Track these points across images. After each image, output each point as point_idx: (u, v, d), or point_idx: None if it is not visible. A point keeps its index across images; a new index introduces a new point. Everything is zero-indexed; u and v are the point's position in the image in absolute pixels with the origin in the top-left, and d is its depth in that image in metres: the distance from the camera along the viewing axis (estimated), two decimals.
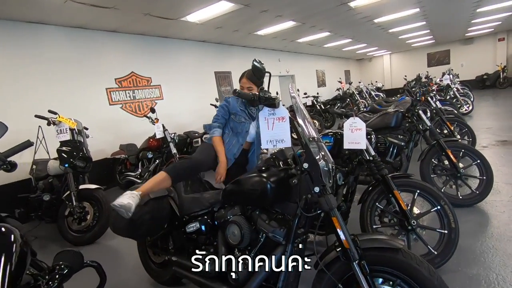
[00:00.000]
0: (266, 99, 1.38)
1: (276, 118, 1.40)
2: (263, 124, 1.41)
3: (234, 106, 2.25)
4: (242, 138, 2.24)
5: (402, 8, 6.91)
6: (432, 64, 16.93)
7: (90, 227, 3.15)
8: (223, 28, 6.38)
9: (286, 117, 1.39)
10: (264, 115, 1.42)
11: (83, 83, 5.11)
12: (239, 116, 2.23)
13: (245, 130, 2.22)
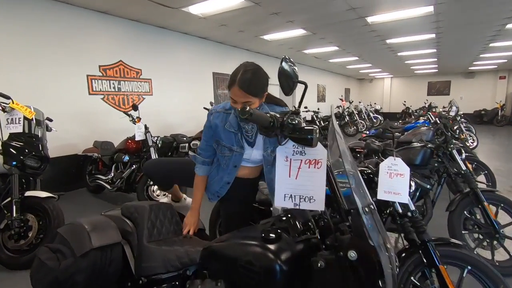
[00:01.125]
0: (295, 130, 0.82)
1: (305, 160, 0.84)
2: (282, 167, 0.85)
3: (217, 128, 1.50)
4: (228, 175, 1.55)
5: (419, 31, 6.55)
6: (432, 93, 16.88)
7: (32, 247, 2.48)
8: (227, 26, 5.83)
9: (323, 162, 0.83)
10: (286, 153, 0.85)
11: (60, 65, 4.44)
12: (222, 147, 1.52)
13: (233, 165, 1.53)
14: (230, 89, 1.38)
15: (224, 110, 1.51)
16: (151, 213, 1.43)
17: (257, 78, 1.35)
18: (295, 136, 0.80)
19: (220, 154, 1.54)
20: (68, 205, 4.04)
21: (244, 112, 0.85)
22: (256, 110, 0.87)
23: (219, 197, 1.62)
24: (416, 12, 5.11)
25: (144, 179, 3.63)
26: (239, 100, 1.35)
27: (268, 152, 1.52)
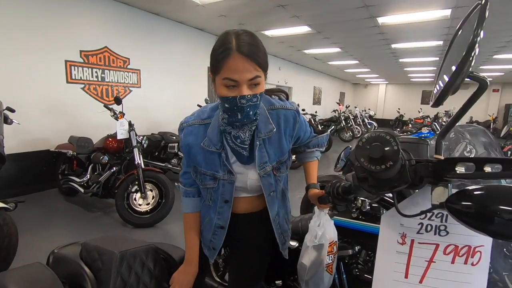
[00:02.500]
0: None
1: (445, 247, 0.39)
2: (391, 255, 0.41)
3: (191, 149, 0.99)
4: (219, 216, 1.03)
5: (428, 37, 6.25)
6: (425, 102, 16.87)
7: None
8: (227, 17, 5.35)
9: (484, 251, 0.39)
10: (402, 227, 0.41)
11: (33, 47, 3.85)
12: (201, 175, 1.01)
13: (222, 200, 1.01)
14: (221, 69, 0.83)
15: (199, 121, 0.99)
16: (122, 264, 0.95)
17: (260, 43, 0.86)
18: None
19: (202, 185, 1.03)
20: (35, 209, 3.49)
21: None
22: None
23: (215, 249, 1.08)
24: (432, 15, 4.78)
25: (125, 184, 3.11)
26: (243, 78, 0.81)
27: (266, 169, 0.98)
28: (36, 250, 2.55)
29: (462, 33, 0.54)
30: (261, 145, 0.97)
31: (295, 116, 1.03)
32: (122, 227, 3.09)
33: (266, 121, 0.97)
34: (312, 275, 1.04)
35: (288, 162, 1.07)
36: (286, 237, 1.17)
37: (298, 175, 5.65)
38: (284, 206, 1.15)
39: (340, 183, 0.79)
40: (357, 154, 0.44)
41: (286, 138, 1.02)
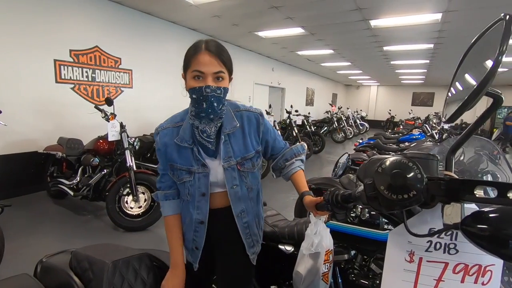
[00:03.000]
0: None
1: (454, 266, 0.38)
2: (399, 273, 0.40)
3: (167, 148, 1.08)
4: (198, 210, 1.08)
5: (419, 39, 6.34)
6: (416, 104, 17.15)
7: None
8: (221, 18, 5.31)
9: (496, 271, 0.38)
10: (410, 245, 0.40)
11: (21, 46, 3.74)
12: (178, 171, 1.08)
13: (199, 193, 1.07)
14: (190, 64, 0.98)
15: (172, 124, 1.11)
16: (115, 274, 0.92)
17: (226, 50, 1.02)
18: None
19: (179, 181, 1.09)
20: (21, 212, 3.39)
21: None
22: None
23: (198, 249, 1.11)
24: (423, 19, 4.85)
25: (116, 187, 3.05)
26: (209, 70, 0.96)
27: (231, 162, 1.07)
28: (23, 257, 2.47)
29: (481, 46, 0.52)
30: (227, 140, 1.07)
31: (258, 118, 1.13)
32: (113, 231, 3.02)
33: (231, 119, 1.08)
34: (307, 284, 1.03)
35: (255, 161, 1.13)
36: (255, 241, 1.19)
37: None
38: (255, 209, 1.19)
39: (339, 191, 0.78)
40: (377, 181, 0.42)
41: (250, 137, 1.11)
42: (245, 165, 1.10)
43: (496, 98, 0.47)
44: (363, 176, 0.51)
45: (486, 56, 0.44)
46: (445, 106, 0.60)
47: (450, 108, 0.53)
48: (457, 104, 0.49)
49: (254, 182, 1.16)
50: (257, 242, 1.21)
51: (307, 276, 1.02)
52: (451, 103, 0.57)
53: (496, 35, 0.44)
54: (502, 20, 0.44)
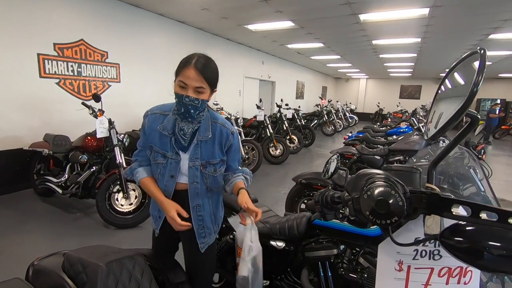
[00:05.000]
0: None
1: (439, 270, 0.41)
2: (390, 282, 0.42)
3: (151, 131, 1.28)
4: (165, 187, 1.29)
5: (407, 34, 6.42)
6: (403, 96, 17.43)
7: None
8: (210, 10, 5.23)
9: (475, 270, 0.40)
10: (399, 255, 0.43)
11: (1, 38, 3.60)
12: (155, 153, 1.27)
13: (169, 175, 1.27)
14: (179, 74, 1.17)
15: (161, 111, 1.30)
16: (109, 276, 0.93)
17: (213, 67, 1.22)
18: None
19: (153, 161, 1.30)
20: (7, 211, 3.33)
21: None
22: None
23: (161, 217, 1.34)
24: (411, 14, 4.91)
25: (106, 184, 3.02)
26: (191, 84, 1.15)
27: (195, 163, 1.27)
28: (11, 257, 2.44)
29: (459, 74, 0.57)
30: (198, 144, 1.27)
31: (228, 134, 1.32)
32: (104, 229, 3.01)
33: (207, 128, 1.27)
34: (253, 283, 1.17)
35: (218, 167, 1.33)
36: (207, 233, 1.37)
37: (283, 170, 5.71)
38: (213, 209, 1.38)
39: (329, 192, 0.80)
40: (363, 207, 0.45)
41: (220, 147, 1.31)
42: (207, 168, 1.29)
43: (473, 118, 0.51)
44: (351, 189, 0.54)
45: (464, 84, 0.49)
46: (427, 124, 0.63)
47: (432, 126, 0.57)
48: (439, 125, 0.53)
49: (215, 185, 1.34)
50: (209, 234, 1.39)
51: (253, 276, 1.16)
52: (433, 121, 0.61)
53: (472, 66, 0.49)
54: (477, 53, 0.48)
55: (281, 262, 1.57)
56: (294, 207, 2.94)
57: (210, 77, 1.18)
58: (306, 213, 1.60)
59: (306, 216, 1.55)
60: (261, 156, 5.11)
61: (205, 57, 1.20)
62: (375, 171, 0.51)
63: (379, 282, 0.46)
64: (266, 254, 1.61)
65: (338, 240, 1.38)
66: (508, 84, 14.63)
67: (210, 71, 1.18)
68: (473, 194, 1.21)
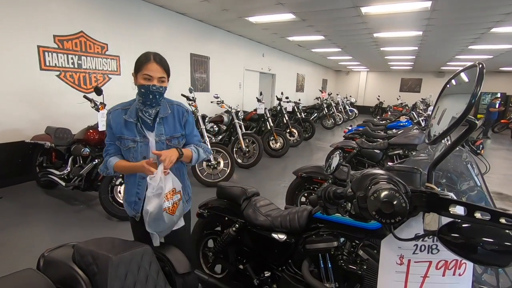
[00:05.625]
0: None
1: (437, 263, 0.44)
2: (392, 275, 0.47)
3: (117, 125, 1.47)
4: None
5: (408, 27, 6.38)
6: (404, 90, 17.38)
7: None
8: (210, 2, 5.18)
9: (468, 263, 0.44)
10: (400, 250, 0.47)
11: (1, 30, 3.58)
12: (125, 140, 1.47)
13: (141, 157, 1.47)
14: (142, 69, 1.40)
15: (122, 107, 1.50)
16: (119, 268, 0.97)
17: (165, 60, 1.48)
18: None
19: (125, 148, 1.48)
20: (11, 203, 3.37)
21: None
22: None
23: (140, 199, 1.49)
24: (413, 7, 4.87)
25: (108, 177, 3.05)
26: (155, 75, 1.40)
27: (161, 138, 1.48)
28: (18, 249, 2.48)
29: (458, 84, 0.60)
30: (160, 122, 1.49)
31: (183, 111, 1.57)
32: (106, 220, 3.05)
33: (166, 108, 1.52)
34: (154, 216, 1.35)
35: (181, 140, 1.56)
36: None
37: (283, 163, 5.75)
38: (181, 178, 1.57)
39: (331, 187, 0.83)
40: (370, 207, 0.48)
41: (179, 123, 1.54)
42: (172, 142, 1.51)
43: (471, 124, 0.54)
44: (356, 188, 0.57)
45: (463, 94, 0.52)
46: (428, 127, 0.66)
47: (433, 130, 0.61)
48: (440, 129, 0.56)
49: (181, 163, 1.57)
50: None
51: (153, 211, 1.33)
52: (434, 126, 0.64)
53: (470, 78, 0.52)
54: (476, 67, 0.51)
55: (282, 254, 1.61)
56: (295, 200, 2.98)
57: (167, 68, 1.46)
58: (307, 206, 1.64)
59: (307, 210, 1.58)
60: (261, 149, 5.14)
61: (158, 53, 1.45)
62: (378, 172, 0.54)
63: (381, 275, 0.50)
64: (267, 246, 1.66)
65: (338, 233, 1.41)
66: (508, 78, 14.59)
67: (166, 63, 1.46)
68: (469, 189, 1.25)
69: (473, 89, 0.48)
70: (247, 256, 1.78)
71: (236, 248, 1.80)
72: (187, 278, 1.21)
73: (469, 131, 0.53)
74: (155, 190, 1.31)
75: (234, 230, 1.73)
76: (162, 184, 1.32)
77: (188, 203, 1.66)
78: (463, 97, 0.52)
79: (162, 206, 1.33)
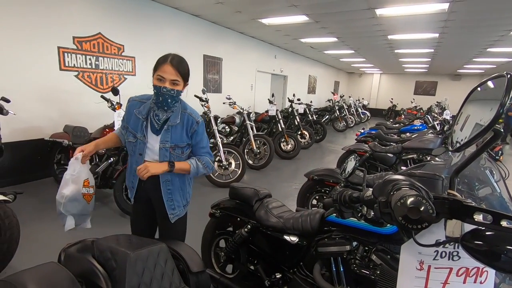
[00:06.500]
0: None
1: (457, 270, 0.45)
2: (411, 280, 0.47)
3: (129, 115, 1.56)
4: (136, 162, 1.55)
5: (424, 29, 6.26)
6: (418, 92, 17.04)
7: None
8: (224, 4, 5.23)
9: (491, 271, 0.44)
10: (421, 255, 0.47)
11: (24, 32, 3.73)
12: (128, 132, 1.56)
13: (138, 153, 1.53)
14: (157, 69, 1.43)
15: (139, 99, 1.57)
16: (136, 264, 1.00)
17: (185, 63, 1.49)
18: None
19: (127, 139, 1.57)
20: (30, 199, 3.48)
21: None
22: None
23: (134, 187, 1.61)
24: (430, 9, 4.78)
25: (123, 175, 3.12)
26: (168, 77, 1.41)
27: (165, 145, 1.51)
28: (38, 242, 2.57)
29: (484, 93, 0.61)
30: (168, 130, 1.51)
31: (193, 122, 1.56)
32: (120, 218, 3.12)
33: (177, 116, 1.52)
34: (70, 198, 1.48)
35: (185, 150, 1.58)
36: (176, 206, 1.62)
37: (294, 165, 5.73)
38: (180, 185, 1.62)
39: (347, 191, 0.84)
40: (396, 212, 0.49)
41: (186, 133, 1.55)
42: (175, 150, 1.54)
43: (496, 132, 0.54)
44: (378, 193, 0.58)
45: (487, 101, 0.52)
46: (451, 134, 0.66)
47: (455, 136, 0.61)
48: (463, 136, 0.56)
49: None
50: (178, 207, 1.63)
51: (71, 193, 1.48)
52: (457, 132, 0.63)
53: (498, 88, 0.52)
54: (504, 77, 0.51)
55: (294, 256, 1.61)
56: (306, 203, 2.98)
57: (183, 71, 1.45)
58: (319, 209, 1.63)
59: (319, 213, 1.58)
60: (272, 151, 5.14)
61: (178, 56, 1.46)
62: (400, 177, 0.55)
63: (401, 280, 0.50)
64: (279, 248, 1.66)
65: (351, 236, 1.40)
66: None
67: (182, 67, 1.45)
68: (489, 195, 1.22)
69: (501, 99, 0.48)
70: (258, 257, 1.79)
71: (247, 248, 1.81)
72: (200, 277, 1.23)
73: (494, 139, 0.53)
74: (76, 173, 1.50)
75: (246, 231, 1.75)
76: (80, 173, 1.51)
77: (185, 208, 1.69)
78: (487, 104, 0.51)
79: (81, 190, 1.49)
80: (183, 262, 1.20)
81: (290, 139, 6.22)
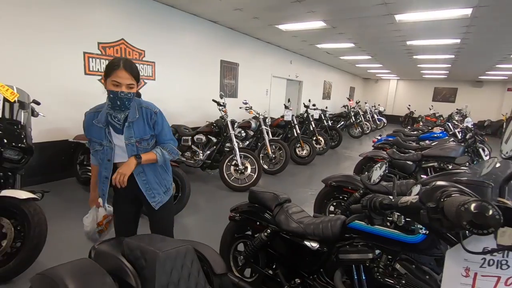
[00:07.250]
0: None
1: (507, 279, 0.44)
2: (456, 286, 0.45)
3: (89, 127, 1.62)
4: (105, 170, 1.64)
5: (445, 35, 6.13)
6: (437, 99, 16.60)
7: (6, 258, 2.06)
8: (243, 11, 5.32)
9: None
10: (466, 262, 0.46)
11: (52, 39, 3.91)
12: (93, 143, 1.63)
13: (106, 159, 1.61)
14: (111, 75, 1.47)
15: (95, 110, 1.62)
16: (165, 263, 1.02)
17: (135, 65, 1.55)
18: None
19: (93, 150, 1.64)
20: (55, 198, 3.61)
21: None
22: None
23: (104, 195, 1.70)
24: (452, 14, 4.69)
25: None
26: (124, 82, 1.47)
27: (131, 141, 1.58)
28: (64, 239, 2.67)
29: None
30: (130, 126, 1.58)
31: (151, 113, 1.63)
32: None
33: (135, 112, 1.59)
34: (90, 236, 1.83)
35: (150, 141, 1.66)
36: (156, 193, 1.72)
37: (309, 171, 5.69)
38: (154, 172, 1.70)
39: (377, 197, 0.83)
40: (461, 218, 0.49)
41: (148, 125, 1.63)
42: (142, 144, 1.62)
43: None
44: (426, 199, 0.58)
45: None
46: (503, 142, 0.65)
47: (506, 136, 0.59)
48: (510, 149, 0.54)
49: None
50: (158, 194, 1.72)
51: (90, 232, 1.80)
52: (507, 132, 0.62)
53: None
54: None
55: (314, 262, 1.60)
56: (323, 209, 2.95)
57: (136, 74, 1.53)
58: (340, 215, 1.62)
59: (340, 219, 1.56)
60: (288, 156, 5.14)
61: (128, 59, 1.53)
62: (449, 184, 0.55)
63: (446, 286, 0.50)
64: (299, 254, 1.66)
65: (374, 244, 1.38)
66: None
67: (134, 70, 1.52)
68: None
69: None
70: (277, 262, 1.79)
71: (267, 253, 1.82)
72: (223, 279, 1.25)
73: None
74: (89, 227, 1.80)
75: (266, 235, 1.75)
76: (94, 224, 1.77)
77: (166, 194, 1.78)
78: None
79: (95, 230, 1.79)
80: (207, 263, 1.22)
81: (306, 145, 6.19)
